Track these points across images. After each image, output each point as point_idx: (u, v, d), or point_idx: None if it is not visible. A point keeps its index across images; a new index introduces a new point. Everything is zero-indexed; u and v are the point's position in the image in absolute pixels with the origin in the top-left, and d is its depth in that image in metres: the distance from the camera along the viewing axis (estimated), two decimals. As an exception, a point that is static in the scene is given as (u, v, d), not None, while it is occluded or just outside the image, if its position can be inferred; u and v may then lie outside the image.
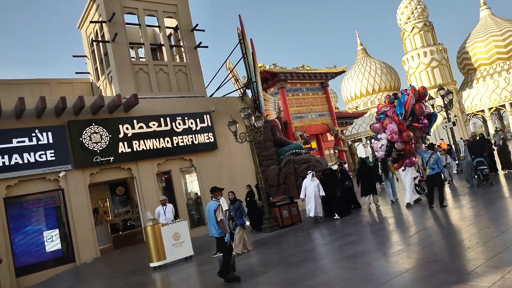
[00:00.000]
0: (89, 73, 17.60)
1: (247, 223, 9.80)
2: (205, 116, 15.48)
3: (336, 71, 28.18)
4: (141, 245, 13.48)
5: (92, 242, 12.30)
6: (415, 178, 12.10)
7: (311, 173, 12.25)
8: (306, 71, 26.17)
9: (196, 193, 15.80)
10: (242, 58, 17.41)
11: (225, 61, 19.14)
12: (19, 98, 11.13)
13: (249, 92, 18.35)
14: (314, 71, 26.71)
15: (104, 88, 16.31)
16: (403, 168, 11.76)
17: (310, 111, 26.36)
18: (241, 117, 14.48)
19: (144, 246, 13.24)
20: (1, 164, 11.25)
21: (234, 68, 18.78)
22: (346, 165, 23.32)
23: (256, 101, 17.01)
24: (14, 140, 11.57)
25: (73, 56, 17.35)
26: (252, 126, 12.20)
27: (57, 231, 12.29)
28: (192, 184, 16.06)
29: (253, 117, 12.06)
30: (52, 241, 12.24)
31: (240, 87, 18.85)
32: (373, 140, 29.49)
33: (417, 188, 12.22)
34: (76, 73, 17.30)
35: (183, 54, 17.26)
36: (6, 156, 11.35)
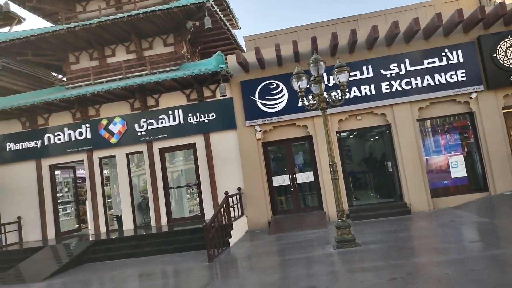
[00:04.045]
0: (474, -17, 15.37)
1: None
2: None
3: None
4: None
5: (509, 171, 10.87)
6: None
7: None
8: None
9: None
10: None
11: None
12: (436, 14, 10.54)
13: None
14: None
15: (502, -5, 13.74)
16: None
17: None
18: None
19: None
20: (414, 86, 11.33)
21: None
22: None
23: None
24: (425, 62, 11.34)
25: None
26: None
27: (461, 157, 11.63)
28: None
29: None
30: (457, 167, 11.74)
31: None
32: None
33: None
34: (459, -14, 15.46)
35: None
36: (418, 78, 11.33)
